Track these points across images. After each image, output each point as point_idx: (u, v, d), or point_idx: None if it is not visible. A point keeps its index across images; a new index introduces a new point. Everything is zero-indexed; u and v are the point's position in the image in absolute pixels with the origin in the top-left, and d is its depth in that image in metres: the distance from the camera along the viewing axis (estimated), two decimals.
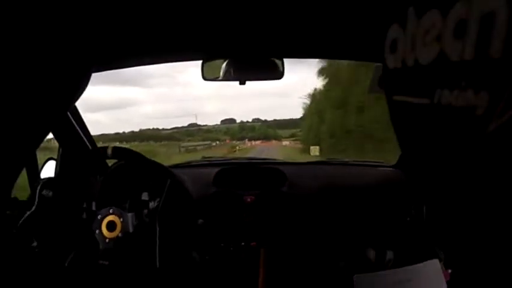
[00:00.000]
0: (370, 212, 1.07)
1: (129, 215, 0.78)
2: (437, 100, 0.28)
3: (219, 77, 1.07)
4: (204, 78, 1.05)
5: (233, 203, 1.08)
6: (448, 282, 0.69)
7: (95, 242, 0.77)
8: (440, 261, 0.73)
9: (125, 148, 0.86)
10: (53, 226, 0.79)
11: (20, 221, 0.74)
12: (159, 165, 0.87)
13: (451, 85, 0.26)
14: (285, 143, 20.40)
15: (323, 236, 1.05)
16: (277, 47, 1.02)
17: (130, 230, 0.77)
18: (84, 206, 0.82)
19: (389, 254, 0.91)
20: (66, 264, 0.76)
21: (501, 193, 0.25)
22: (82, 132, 1.13)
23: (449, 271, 0.73)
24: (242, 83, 1.08)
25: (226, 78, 1.06)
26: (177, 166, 1.34)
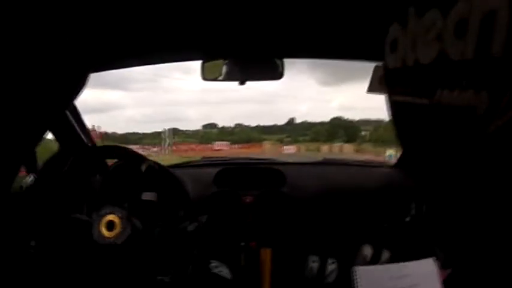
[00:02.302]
0: (370, 212, 1.07)
1: (129, 223, 0.77)
2: (437, 100, 0.28)
3: (218, 77, 1.07)
4: (204, 78, 1.05)
5: (233, 203, 1.08)
6: (444, 282, 0.69)
7: (91, 239, 0.77)
8: (439, 260, 0.73)
9: (160, 169, 0.88)
10: (51, 224, 0.78)
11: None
12: (159, 167, 0.87)
13: (452, 85, 0.26)
14: (289, 150, 13.26)
15: (322, 236, 1.05)
16: (278, 47, 1.02)
17: (125, 238, 0.77)
18: (84, 205, 0.82)
19: (386, 254, 0.91)
20: (63, 263, 0.76)
21: (501, 192, 0.25)
22: (81, 131, 1.13)
23: (448, 271, 0.73)
24: (242, 83, 1.08)
25: (227, 78, 1.06)
26: (177, 166, 1.34)
